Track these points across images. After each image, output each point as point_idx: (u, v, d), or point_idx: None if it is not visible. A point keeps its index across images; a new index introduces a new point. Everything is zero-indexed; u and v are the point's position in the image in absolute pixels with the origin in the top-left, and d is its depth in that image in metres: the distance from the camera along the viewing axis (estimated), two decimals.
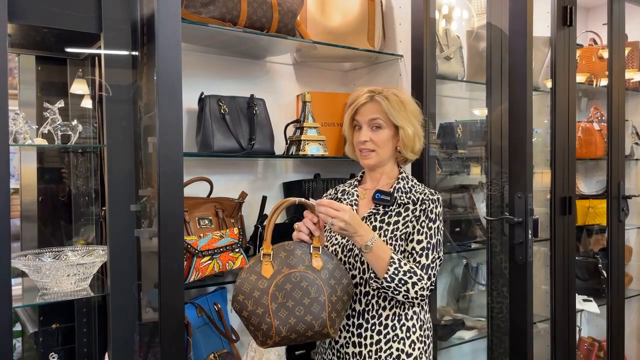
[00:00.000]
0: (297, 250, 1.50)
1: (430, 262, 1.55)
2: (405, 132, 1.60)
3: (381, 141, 1.61)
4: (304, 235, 1.52)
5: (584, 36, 3.18)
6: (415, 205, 1.61)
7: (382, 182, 1.68)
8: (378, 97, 1.60)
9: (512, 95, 2.23)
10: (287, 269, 1.47)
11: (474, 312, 2.69)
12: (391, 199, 1.62)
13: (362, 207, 1.68)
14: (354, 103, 1.63)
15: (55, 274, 1.58)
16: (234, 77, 2.22)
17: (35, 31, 1.69)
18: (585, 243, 3.16)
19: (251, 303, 1.42)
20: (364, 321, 1.59)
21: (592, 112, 3.07)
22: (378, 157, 1.63)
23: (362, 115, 1.62)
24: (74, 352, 1.90)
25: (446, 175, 2.58)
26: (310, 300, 1.44)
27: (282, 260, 1.48)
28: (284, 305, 1.43)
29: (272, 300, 1.43)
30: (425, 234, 1.58)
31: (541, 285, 2.63)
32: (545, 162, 2.59)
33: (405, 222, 1.60)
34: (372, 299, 1.59)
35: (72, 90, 1.89)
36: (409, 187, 1.65)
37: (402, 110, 1.60)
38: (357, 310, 1.60)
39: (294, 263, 1.48)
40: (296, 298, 1.44)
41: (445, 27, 2.46)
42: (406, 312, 1.60)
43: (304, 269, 1.48)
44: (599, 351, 3.06)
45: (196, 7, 1.79)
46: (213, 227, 1.93)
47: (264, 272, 1.46)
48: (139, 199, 1.69)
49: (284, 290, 1.44)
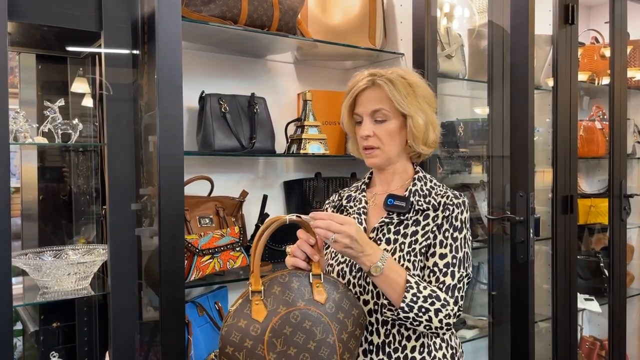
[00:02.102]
0: (294, 281, 1.22)
1: (456, 281, 1.27)
2: (415, 121, 1.32)
3: (387, 135, 1.34)
4: (300, 262, 1.25)
5: (585, 34, 3.17)
6: (437, 211, 1.33)
7: (395, 185, 1.40)
8: (380, 81, 1.31)
9: (514, 93, 2.22)
10: (284, 308, 1.19)
11: (475, 311, 2.69)
12: (407, 205, 1.34)
13: (372, 216, 1.40)
14: (352, 89, 1.36)
15: (55, 273, 1.58)
16: (235, 76, 2.21)
17: (36, 30, 1.69)
18: (586, 242, 3.16)
19: (243, 356, 1.15)
20: (386, 356, 1.31)
21: (594, 111, 3.06)
22: (385, 154, 1.36)
23: (363, 105, 1.35)
24: (74, 351, 1.90)
25: (447, 174, 2.57)
26: (317, 343, 1.18)
27: (276, 297, 1.20)
28: (284, 354, 1.17)
29: (269, 349, 1.16)
30: (450, 246, 1.30)
31: (542, 284, 2.62)
32: (547, 161, 2.58)
33: (425, 232, 1.32)
34: (393, 328, 1.31)
35: (72, 89, 1.89)
36: (427, 190, 1.37)
37: (410, 95, 1.32)
38: (375, 343, 1.32)
39: (292, 299, 1.20)
40: (299, 343, 1.18)
41: (446, 25, 2.46)
42: (434, 340, 1.34)
43: (305, 304, 1.20)
44: (601, 350, 3.05)
45: (197, 6, 1.79)
46: (214, 226, 1.93)
47: (255, 314, 1.17)
48: (139, 198, 1.69)
49: (283, 336, 1.17)
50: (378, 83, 1.32)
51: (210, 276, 1.87)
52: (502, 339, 2.39)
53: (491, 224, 2.43)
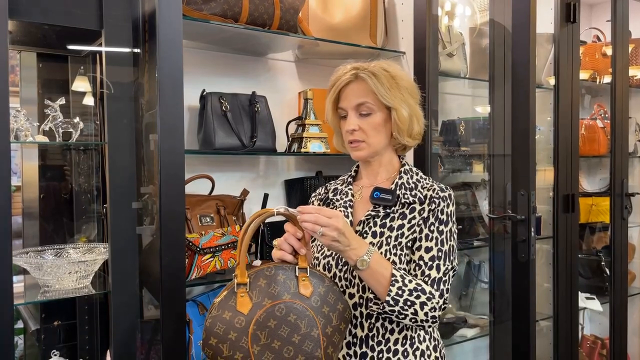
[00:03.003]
0: (280, 274, 1.22)
1: (442, 275, 1.29)
2: (399, 113, 1.33)
3: (372, 128, 1.34)
4: (287, 255, 1.25)
5: (587, 33, 3.17)
6: (423, 204, 1.34)
7: (381, 177, 1.41)
8: (363, 74, 1.31)
9: (515, 92, 2.22)
10: (269, 301, 1.19)
11: (476, 310, 2.69)
12: (393, 198, 1.34)
13: (358, 209, 1.40)
14: (336, 84, 1.35)
15: (56, 272, 1.58)
16: (236, 74, 2.21)
17: (37, 28, 1.69)
18: (588, 241, 3.15)
19: (227, 347, 1.15)
20: (369, 349, 1.32)
21: (596, 109, 3.06)
22: (371, 147, 1.36)
23: (347, 100, 1.35)
24: (75, 350, 1.90)
25: (448, 172, 2.57)
26: (301, 337, 1.19)
27: (261, 289, 1.20)
28: (268, 347, 1.17)
29: (253, 342, 1.16)
30: (436, 239, 1.31)
31: (544, 283, 2.62)
32: (548, 160, 2.58)
33: (411, 225, 1.33)
34: (377, 321, 1.32)
35: (73, 87, 1.89)
36: (413, 183, 1.38)
37: (393, 87, 1.32)
38: (359, 336, 1.33)
39: (277, 292, 1.20)
40: (283, 337, 1.18)
41: (447, 24, 2.45)
42: (418, 332, 1.35)
43: (290, 298, 1.21)
44: (602, 349, 3.05)
45: (197, 4, 1.79)
46: (215, 225, 1.93)
47: (240, 306, 1.17)
48: (140, 197, 1.69)
49: (268, 329, 1.17)
50: (361, 76, 1.32)
51: (211, 275, 1.87)
52: (503, 337, 2.39)
53: (492, 222, 2.43)
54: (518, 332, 2.25)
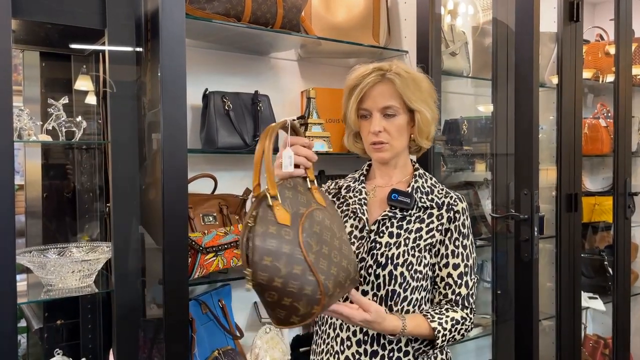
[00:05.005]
0: (298, 186, 1.17)
1: (470, 289, 1.35)
2: (423, 116, 1.33)
3: (396, 130, 1.33)
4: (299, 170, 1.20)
5: (590, 32, 3.16)
6: (441, 210, 1.35)
7: (396, 179, 1.41)
8: (391, 75, 1.31)
9: (518, 91, 2.21)
10: (304, 209, 1.13)
11: (479, 309, 2.68)
12: (411, 202, 1.34)
13: (373, 208, 1.39)
14: (361, 85, 1.33)
15: (60, 271, 1.58)
16: (238, 73, 2.21)
17: (40, 27, 1.69)
18: (591, 240, 3.15)
19: (283, 264, 1.04)
20: (380, 347, 1.31)
21: (599, 109, 3.05)
22: (393, 149, 1.35)
23: (373, 101, 1.33)
24: (78, 348, 1.90)
25: (451, 172, 2.56)
26: (338, 240, 1.15)
27: (291, 200, 1.13)
28: (320, 253, 1.09)
29: (308, 250, 1.07)
30: (461, 255, 1.34)
31: (547, 283, 2.61)
32: (551, 159, 2.57)
33: (429, 229, 1.34)
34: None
35: (76, 86, 1.89)
36: (429, 187, 1.39)
37: (417, 90, 1.33)
38: (370, 334, 1.32)
39: (305, 201, 1.15)
40: (328, 241, 1.12)
41: (450, 23, 2.45)
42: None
43: (317, 206, 1.16)
44: (605, 349, 3.05)
45: (200, 3, 1.79)
46: (217, 224, 1.93)
47: (280, 218, 1.08)
48: (142, 196, 1.69)
49: (315, 235, 1.10)
50: (389, 78, 1.32)
51: (214, 274, 1.87)
52: (506, 337, 2.38)
53: (495, 222, 2.43)
54: (521, 331, 2.25)
